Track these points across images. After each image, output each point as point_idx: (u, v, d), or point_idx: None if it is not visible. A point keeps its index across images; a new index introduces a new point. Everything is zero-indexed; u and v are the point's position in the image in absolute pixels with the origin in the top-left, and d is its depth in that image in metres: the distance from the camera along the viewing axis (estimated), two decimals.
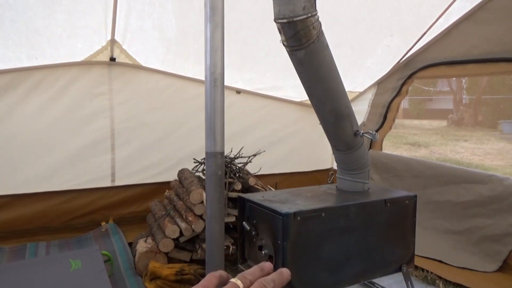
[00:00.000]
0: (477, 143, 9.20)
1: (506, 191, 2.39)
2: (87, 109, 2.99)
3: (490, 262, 2.32)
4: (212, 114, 1.08)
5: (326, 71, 1.61)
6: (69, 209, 2.87)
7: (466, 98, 14.73)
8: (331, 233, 1.64)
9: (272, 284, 0.48)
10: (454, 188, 2.68)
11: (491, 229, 2.40)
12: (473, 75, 2.85)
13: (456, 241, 2.57)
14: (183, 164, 3.02)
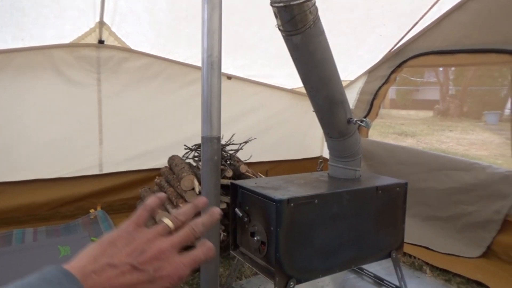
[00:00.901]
0: (462, 134, 9.36)
1: (488, 179, 2.43)
2: (75, 93, 2.92)
3: (475, 248, 2.38)
4: (209, 98, 1.06)
5: (322, 57, 1.60)
6: (57, 197, 2.82)
7: (453, 89, 14.90)
8: (323, 219, 1.65)
9: (201, 227, 0.48)
10: (437, 175, 2.71)
11: (474, 215, 2.45)
12: (463, 64, 2.88)
13: (441, 227, 2.61)
14: (173, 151, 2.99)
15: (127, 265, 0.41)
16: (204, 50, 1.05)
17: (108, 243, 0.44)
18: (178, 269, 0.43)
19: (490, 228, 2.33)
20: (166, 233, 0.46)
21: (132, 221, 0.47)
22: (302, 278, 1.61)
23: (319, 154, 3.89)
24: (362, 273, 2.23)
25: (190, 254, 0.45)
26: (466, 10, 2.68)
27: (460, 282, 2.09)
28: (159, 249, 0.43)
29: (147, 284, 0.41)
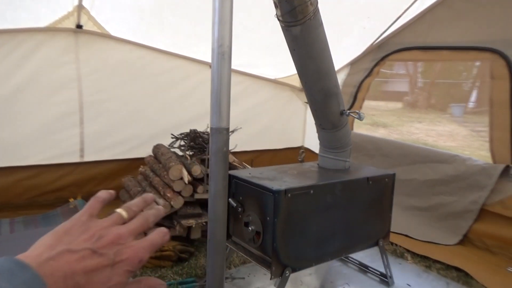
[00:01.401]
0: (430, 125, 9.71)
1: (468, 171, 2.55)
2: (53, 78, 2.80)
3: (452, 236, 2.50)
4: (219, 88, 1.05)
5: (319, 49, 1.61)
6: (34, 185, 2.71)
7: (421, 81, 15.38)
8: (318, 209, 1.68)
9: (153, 218, 0.49)
10: (420, 167, 2.82)
11: (453, 206, 2.57)
12: (446, 60, 2.97)
13: (420, 216, 2.72)
14: (156, 140, 2.93)
15: (86, 250, 0.41)
16: (214, 40, 1.03)
17: (63, 232, 0.43)
18: (137, 252, 0.43)
19: (467, 217, 2.45)
20: (120, 222, 0.46)
21: (84, 211, 0.46)
22: (297, 266, 1.64)
23: (301, 144, 3.93)
24: (347, 261, 2.29)
25: (147, 239, 0.46)
26: (448, 8, 2.76)
27: (440, 268, 2.19)
28: (116, 234, 0.43)
29: (109, 268, 0.41)
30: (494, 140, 2.45)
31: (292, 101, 3.88)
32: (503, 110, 2.38)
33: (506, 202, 2.33)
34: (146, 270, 2.04)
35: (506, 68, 2.39)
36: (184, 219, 2.25)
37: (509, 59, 2.39)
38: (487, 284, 1.99)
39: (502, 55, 2.42)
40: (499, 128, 2.42)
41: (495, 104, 2.44)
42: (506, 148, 2.38)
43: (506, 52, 2.41)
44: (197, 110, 3.33)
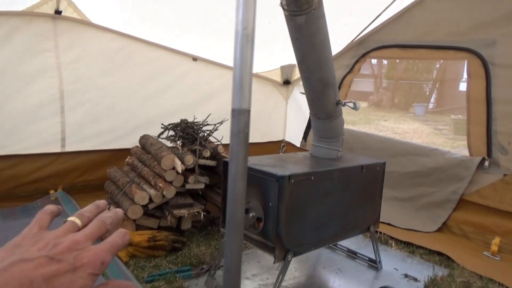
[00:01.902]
0: (395, 123, 10.11)
1: (447, 163, 2.70)
2: (31, 66, 2.68)
3: (432, 224, 2.64)
4: (242, 70, 1.06)
5: (321, 39, 1.66)
6: (13, 176, 2.58)
7: (385, 81, 15.94)
8: (317, 195, 1.73)
9: (110, 220, 0.47)
10: (400, 160, 2.95)
11: (433, 196, 2.71)
12: (424, 58, 3.12)
13: (402, 207, 2.85)
14: (138, 131, 2.88)
15: (42, 258, 0.39)
16: (238, 23, 1.04)
17: (14, 245, 0.41)
18: (98, 255, 0.41)
19: (446, 206, 2.59)
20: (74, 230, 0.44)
21: (33, 224, 0.44)
22: (298, 251, 1.68)
23: (282, 138, 3.99)
24: (336, 248, 2.37)
25: (107, 241, 0.44)
26: (425, 8, 2.90)
27: (423, 253, 2.31)
28: (72, 240, 0.41)
29: (70, 273, 0.39)
30: (471, 134, 2.60)
31: (273, 95, 3.92)
32: (480, 106, 2.54)
33: (482, 192, 2.49)
34: (140, 260, 2.01)
35: (482, 67, 2.54)
36: (175, 209, 2.23)
37: (484, 58, 2.54)
38: (467, 267, 2.12)
39: (477, 54, 2.58)
40: (476, 123, 2.57)
41: (472, 100, 2.59)
42: (482, 141, 2.53)
43: (481, 51, 2.57)
44: (180, 101, 3.31)
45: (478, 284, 1.97)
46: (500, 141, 2.45)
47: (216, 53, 3.47)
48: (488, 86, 2.47)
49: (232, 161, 1.12)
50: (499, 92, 2.45)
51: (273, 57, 3.73)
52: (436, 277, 2.02)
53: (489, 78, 2.47)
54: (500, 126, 2.45)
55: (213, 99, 3.44)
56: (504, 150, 2.40)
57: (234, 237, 1.14)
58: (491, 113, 2.47)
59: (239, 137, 1.10)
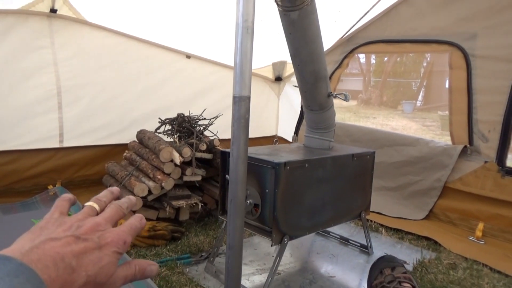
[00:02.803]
0: (384, 120, 10.30)
1: (431, 152, 2.81)
2: (28, 62, 2.72)
3: (419, 211, 2.75)
4: (242, 60, 1.14)
5: (313, 33, 1.74)
6: (11, 172, 2.62)
7: (374, 80, 16.18)
8: (311, 182, 1.82)
9: (126, 205, 0.51)
10: (387, 151, 3.05)
11: (419, 184, 2.82)
12: (409, 52, 3.24)
13: (390, 196, 2.96)
14: (134, 126, 2.94)
15: (68, 237, 0.41)
16: (239, 15, 1.12)
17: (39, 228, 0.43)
18: (120, 235, 0.44)
19: (432, 194, 2.71)
20: (93, 214, 0.48)
21: (54, 210, 0.47)
22: (294, 235, 1.77)
23: (274, 133, 4.08)
24: (328, 236, 2.46)
25: (126, 223, 0.47)
26: (411, 4, 3.01)
27: (411, 239, 2.42)
28: (94, 223, 0.44)
29: (97, 251, 0.42)
30: (453, 123, 2.72)
31: (265, 92, 4.01)
32: (461, 96, 2.66)
33: (465, 179, 2.62)
34: (141, 249, 2.08)
35: (463, 59, 2.67)
36: (174, 201, 2.30)
37: (465, 51, 2.67)
38: (453, 250, 2.23)
39: (459, 47, 2.70)
40: (457, 112, 2.69)
41: (454, 91, 2.71)
42: (464, 130, 2.65)
43: (463, 44, 2.69)
44: (175, 97, 3.37)
45: (463, 265, 2.08)
46: (481, 129, 2.57)
47: (209, 51, 3.54)
48: (469, 77, 2.60)
49: (234, 144, 1.20)
50: (479, 82, 2.57)
51: (264, 54, 3.82)
52: (424, 260, 2.12)
53: (470, 69, 2.60)
54: (481, 115, 2.57)
55: (207, 95, 3.51)
56: (485, 138, 2.53)
57: (236, 216, 1.23)
58: (472, 103, 2.59)
59: (240, 122, 1.19)
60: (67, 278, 0.38)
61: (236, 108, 1.17)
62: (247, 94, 1.17)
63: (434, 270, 2.02)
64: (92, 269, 0.40)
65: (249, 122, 1.20)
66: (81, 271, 0.39)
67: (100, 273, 0.41)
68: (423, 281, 1.90)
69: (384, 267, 1.59)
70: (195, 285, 1.78)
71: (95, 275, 0.40)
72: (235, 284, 1.25)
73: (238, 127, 1.18)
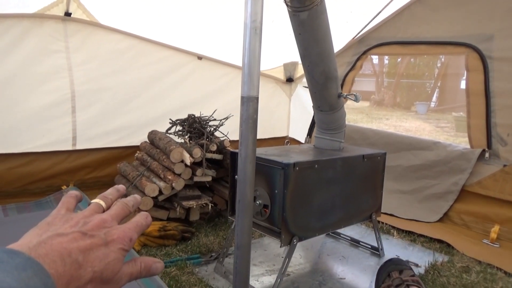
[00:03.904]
0: (397, 122, 10.18)
1: (449, 156, 2.77)
2: (43, 66, 2.77)
3: (433, 214, 2.70)
4: (250, 61, 1.15)
5: (323, 34, 1.74)
6: (26, 173, 2.67)
7: (387, 81, 16.02)
8: (321, 183, 1.81)
9: (131, 203, 0.51)
10: (404, 154, 3.01)
11: (435, 188, 2.78)
12: (423, 54, 3.20)
13: (404, 199, 2.91)
14: (146, 129, 2.96)
15: (75, 233, 0.41)
16: (248, 15, 1.13)
17: (46, 224, 0.43)
18: (126, 232, 0.45)
19: (448, 197, 2.67)
20: (100, 211, 0.48)
21: (61, 206, 0.48)
22: (303, 236, 1.76)
23: (286, 134, 4.07)
24: (339, 237, 2.45)
25: (132, 221, 0.48)
26: (425, 5, 2.98)
27: (424, 241, 2.39)
28: (100, 219, 0.45)
29: (103, 247, 0.42)
30: (472, 127, 2.68)
31: (276, 93, 4.01)
32: (479, 99, 2.61)
33: (483, 182, 2.56)
34: (151, 249, 2.10)
35: (479, 61, 2.62)
36: (184, 201, 2.32)
37: (482, 52, 2.62)
38: (466, 253, 2.19)
39: (475, 49, 2.65)
40: (476, 116, 2.64)
41: (471, 94, 2.67)
42: (482, 134, 2.60)
43: (479, 46, 2.64)
44: (186, 99, 3.40)
45: (477, 269, 2.04)
46: (500, 133, 2.52)
47: (221, 52, 3.56)
48: (486, 80, 2.55)
49: (242, 145, 1.20)
50: (497, 85, 2.53)
51: (275, 55, 3.82)
52: (436, 263, 2.09)
53: (487, 71, 2.55)
54: (499, 118, 2.53)
55: (219, 97, 3.52)
56: (503, 142, 2.48)
57: (244, 216, 1.23)
58: (490, 106, 2.54)
59: (248, 123, 1.19)
60: (74, 273, 0.38)
61: (244, 109, 1.17)
62: (255, 94, 1.17)
63: (447, 273, 1.99)
64: (99, 265, 0.41)
65: (257, 123, 1.20)
66: (88, 266, 0.40)
67: (106, 269, 0.41)
68: (435, 284, 1.87)
69: (392, 270, 1.57)
70: (204, 285, 1.79)
71: (101, 271, 0.41)
72: (244, 284, 1.25)
73: (246, 128, 1.18)
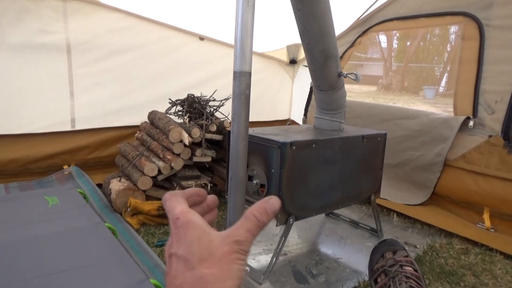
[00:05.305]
0: (404, 106, 10.05)
1: (431, 124, 2.70)
2: (41, 47, 2.75)
3: (423, 190, 2.65)
4: (242, 34, 1.12)
5: (323, 10, 1.69)
6: (26, 154, 2.68)
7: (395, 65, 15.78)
8: (319, 163, 1.79)
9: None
10: (388, 125, 2.94)
11: (420, 160, 2.72)
12: (423, 27, 3.13)
13: (393, 173, 2.86)
14: (146, 108, 2.95)
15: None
16: None
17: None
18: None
19: (434, 169, 2.60)
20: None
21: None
22: (300, 215, 1.76)
23: (288, 117, 4.04)
24: (338, 218, 2.44)
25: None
26: None
27: (424, 223, 2.37)
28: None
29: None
30: (458, 94, 2.60)
31: (279, 75, 3.96)
32: (470, 66, 2.51)
33: (467, 156, 2.46)
34: (150, 227, 2.12)
35: (477, 29, 2.53)
36: (183, 181, 2.32)
37: (480, 21, 2.53)
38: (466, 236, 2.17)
39: (473, 18, 2.57)
40: (464, 82, 2.55)
41: (464, 61, 2.58)
42: (468, 101, 2.51)
43: (477, 14, 2.56)
44: (187, 80, 3.37)
45: (476, 251, 2.03)
46: (487, 99, 2.43)
47: (223, 32, 3.51)
48: (481, 47, 2.47)
49: (234, 121, 1.19)
50: (491, 52, 2.44)
51: (279, 36, 3.76)
52: (435, 244, 2.08)
53: (483, 39, 2.48)
54: (489, 84, 2.43)
55: (220, 78, 3.49)
56: (490, 109, 2.40)
57: (236, 193, 1.22)
58: (481, 72, 2.46)
59: (240, 98, 1.17)
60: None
61: (237, 84, 1.15)
62: (247, 69, 1.14)
63: (445, 254, 1.98)
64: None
65: (249, 99, 1.18)
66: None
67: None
68: (432, 265, 1.87)
69: (386, 251, 1.56)
70: None
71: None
72: None
73: (239, 103, 1.16)
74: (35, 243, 1.59)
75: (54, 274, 1.37)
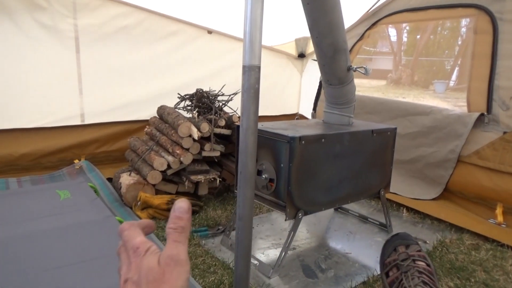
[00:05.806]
0: (414, 100, 9.96)
1: (444, 121, 2.67)
2: (50, 38, 2.77)
3: (435, 186, 2.63)
4: (252, 28, 1.11)
5: (332, 3, 1.68)
6: (38, 148, 2.72)
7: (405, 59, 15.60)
8: (328, 157, 1.79)
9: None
10: (401, 121, 2.92)
11: (433, 156, 2.69)
12: (433, 19, 3.08)
13: (405, 170, 2.84)
14: (155, 103, 2.96)
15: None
16: None
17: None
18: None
19: (447, 166, 2.58)
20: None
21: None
22: (309, 210, 1.76)
23: (296, 111, 4.02)
24: (347, 213, 2.44)
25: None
26: None
27: (434, 218, 2.35)
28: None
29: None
30: (471, 90, 2.56)
31: (288, 69, 3.94)
32: (484, 61, 2.46)
33: (481, 152, 2.43)
34: (160, 221, 2.13)
35: (490, 23, 2.48)
36: (193, 175, 2.33)
37: (493, 14, 2.48)
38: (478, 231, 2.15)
39: (486, 10, 2.52)
40: (477, 78, 2.50)
41: (476, 56, 2.53)
42: (482, 97, 2.47)
43: (490, 7, 2.51)
44: (195, 74, 3.37)
45: (487, 247, 2.01)
46: (502, 95, 2.39)
47: (232, 26, 3.50)
48: (495, 42, 2.43)
49: (244, 115, 1.18)
50: (505, 47, 2.39)
51: (287, 30, 3.74)
52: (445, 240, 2.07)
53: (496, 33, 2.43)
54: (504, 80, 2.38)
55: (229, 72, 3.48)
56: (505, 105, 2.35)
57: (245, 187, 1.22)
58: (495, 68, 2.41)
59: (249, 93, 1.16)
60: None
61: (246, 78, 1.14)
62: (257, 63, 1.14)
63: (455, 250, 1.96)
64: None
65: (259, 93, 1.18)
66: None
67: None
68: (442, 260, 1.86)
69: (398, 245, 1.55)
70: (210, 256, 1.81)
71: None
72: (245, 254, 1.26)
73: (248, 98, 1.15)
74: (47, 236, 1.61)
75: (66, 266, 1.39)
